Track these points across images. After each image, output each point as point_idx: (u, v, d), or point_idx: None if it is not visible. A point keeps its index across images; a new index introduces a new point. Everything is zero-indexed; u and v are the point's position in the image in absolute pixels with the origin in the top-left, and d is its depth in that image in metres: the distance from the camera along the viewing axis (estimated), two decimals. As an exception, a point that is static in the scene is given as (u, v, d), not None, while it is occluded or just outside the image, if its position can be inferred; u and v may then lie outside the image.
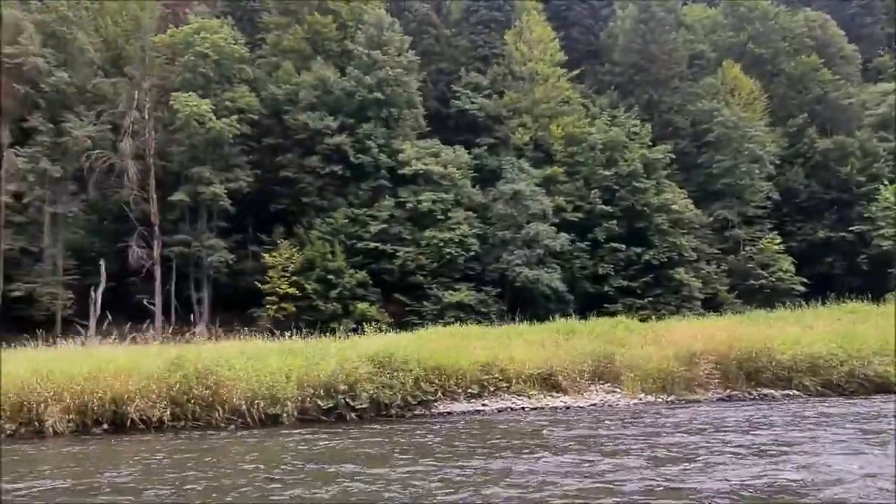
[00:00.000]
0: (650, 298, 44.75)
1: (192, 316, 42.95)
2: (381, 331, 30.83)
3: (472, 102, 50.37)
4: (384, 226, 42.77)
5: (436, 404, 15.31)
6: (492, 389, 15.81)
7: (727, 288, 46.79)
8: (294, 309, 40.51)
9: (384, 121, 46.08)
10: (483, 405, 15.71)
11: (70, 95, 41.42)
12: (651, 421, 14.21)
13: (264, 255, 41.90)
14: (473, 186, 46.09)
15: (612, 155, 47.94)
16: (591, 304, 43.11)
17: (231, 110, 42.36)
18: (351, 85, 45.63)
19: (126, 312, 41.37)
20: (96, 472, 10.78)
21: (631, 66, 55.25)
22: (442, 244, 41.89)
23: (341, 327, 35.69)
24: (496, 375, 15.60)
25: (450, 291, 41.46)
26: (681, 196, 47.20)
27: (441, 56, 54.49)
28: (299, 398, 14.20)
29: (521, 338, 19.39)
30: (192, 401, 13.53)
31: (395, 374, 14.55)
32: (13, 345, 25.68)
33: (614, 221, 45.77)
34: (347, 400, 14.46)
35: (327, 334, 28.37)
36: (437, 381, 14.98)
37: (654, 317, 39.54)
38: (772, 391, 17.35)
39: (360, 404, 14.37)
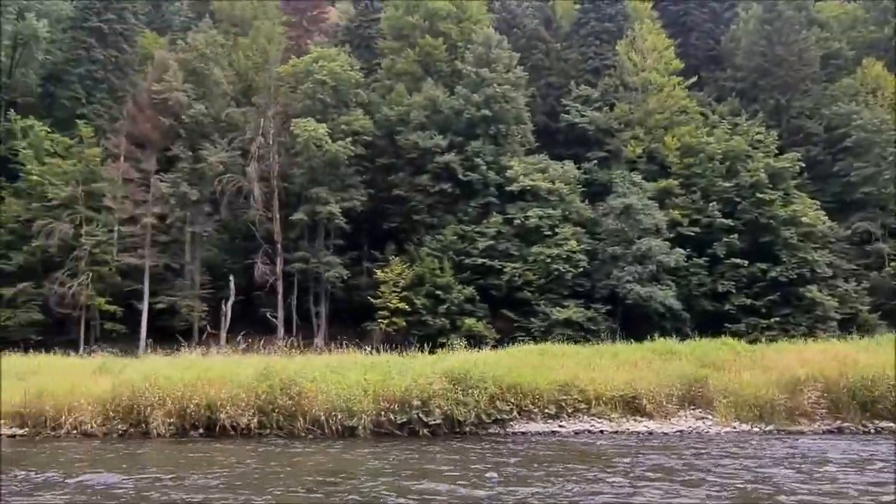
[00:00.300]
0: (777, 318, 41.60)
1: (311, 328, 45.77)
2: (481, 347, 30.89)
3: (583, 116, 49.62)
4: (492, 242, 42.97)
5: (511, 423, 15.18)
6: (570, 410, 15.43)
7: (869, 308, 42.49)
8: (404, 323, 41.59)
9: (492, 138, 46.45)
10: (560, 426, 15.33)
11: (206, 125, 45.49)
12: (740, 451, 13.17)
13: (376, 271, 43.41)
14: (583, 201, 45.28)
15: (734, 165, 45.29)
16: (709, 323, 40.85)
17: (346, 133, 44.51)
18: (459, 103, 46.50)
19: (253, 324, 44.72)
20: (190, 473, 11.76)
21: (755, 71, 52.07)
22: (549, 260, 41.43)
23: (448, 342, 36.42)
24: (575, 396, 15.18)
25: (558, 308, 40.84)
26: (812, 207, 43.59)
27: (550, 70, 54.21)
28: (374, 412, 14.68)
29: (616, 357, 18.70)
30: (277, 410, 14.41)
31: (469, 391, 14.61)
32: (150, 351, 28.56)
33: (735, 236, 43.09)
34: (421, 415, 14.74)
35: (436, 349, 29.21)
36: (512, 399, 14.83)
37: (782, 338, 36.76)
38: (890, 424, 15.45)
39: (434, 420, 14.60)
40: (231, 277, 41.99)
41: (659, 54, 49.68)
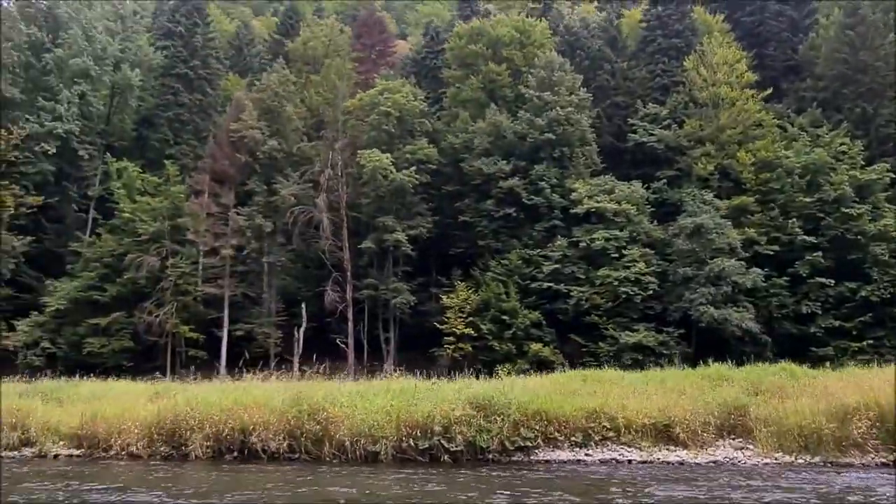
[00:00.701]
0: (870, 341, 38.70)
1: (381, 354, 46.63)
2: (548, 372, 30.38)
3: (651, 134, 48.48)
4: (557, 266, 42.47)
5: (536, 451, 14.86)
6: (598, 439, 14.90)
7: (978, 328, 38.81)
8: (471, 349, 41.66)
9: (557, 161, 46.19)
10: (586, 454, 14.82)
11: (280, 160, 47.82)
12: (778, 484, 12.28)
13: (443, 297, 43.80)
14: (652, 222, 44.09)
15: (815, 179, 42.86)
16: (793, 346, 38.70)
17: (411, 162, 45.51)
18: (523, 128, 46.63)
19: (325, 350, 46.04)
20: (224, 494, 12.33)
21: (837, 79, 49.21)
22: (617, 283, 40.49)
23: (515, 368, 36.19)
24: (604, 424, 14.69)
25: (627, 332, 39.77)
26: (908, 222, 40.48)
27: (617, 90, 53.40)
28: (397, 437, 14.82)
29: (663, 384, 17.94)
30: (305, 435, 14.83)
31: (492, 417, 14.49)
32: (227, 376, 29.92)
33: (819, 253, 40.56)
34: (442, 441, 14.73)
35: (499, 374, 29.15)
36: (537, 427, 14.57)
37: (878, 362, 34.18)
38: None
39: (455, 446, 14.56)
40: (303, 305, 43.53)
41: (730, 67, 47.93)
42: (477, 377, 26.95)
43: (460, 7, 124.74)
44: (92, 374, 34.48)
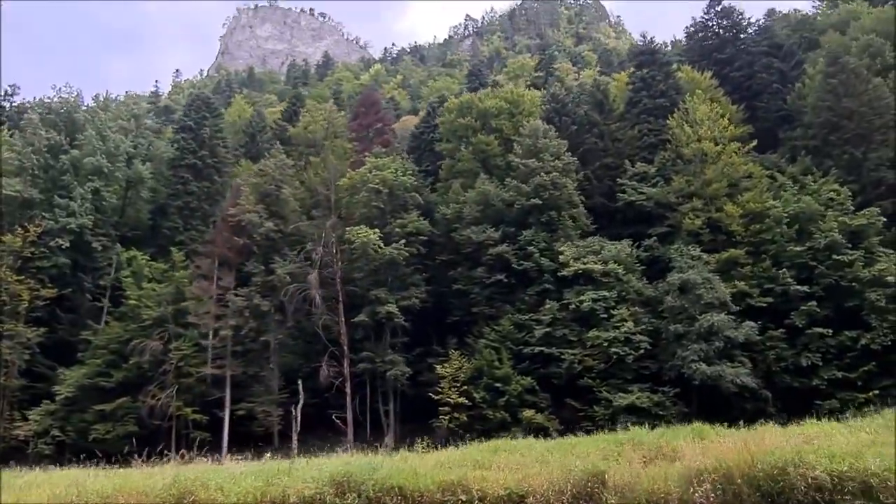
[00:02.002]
0: (877, 391, 37.21)
1: (382, 427, 46.51)
2: (544, 438, 29.89)
3: (640, 193, 48.94)
4: (548, 329, 42.36)
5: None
6: (451, 514, 14.53)
7: None
8: (466, 418, 41.31)
9: (545, 225, 46.84)
10: (440, 531, 14.48)
11: (277, 240, 49.47)
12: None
13: (437, 366, 43.89)
14: (642, 279, 43.94)
15: (805, 227, 42.45)
16: (797, 400, 37.55)
17: (402, 235, 46.62)
18: (510, 195, 47.60)
19: (327, 425, 46.33)
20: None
21: (824, 126, 49.37)
22: (607, 344, 40.13)
23: (510, 435, 35.76)
24: (459, 497, 14.39)
25: (621, 394, 39.08)
26: (903, 266, 39.51)
27: (606, 151, 54.30)
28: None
29: (573, 450, 17.62)
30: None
31: (346, 494, 14.41)
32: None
33: (814, 303, 39.71)
34: (298, 523, 14.59)
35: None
36: (391, 501, 14.35)
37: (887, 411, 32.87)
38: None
39: (307, 525, 14.41)
40: (299, 381, 44.03)
41: (712, 122, 48.50)
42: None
43: (469, 80, 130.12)
44: (97, 461, 35.20)
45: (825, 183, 45.69)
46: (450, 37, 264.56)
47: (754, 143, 49.96)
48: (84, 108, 62.76)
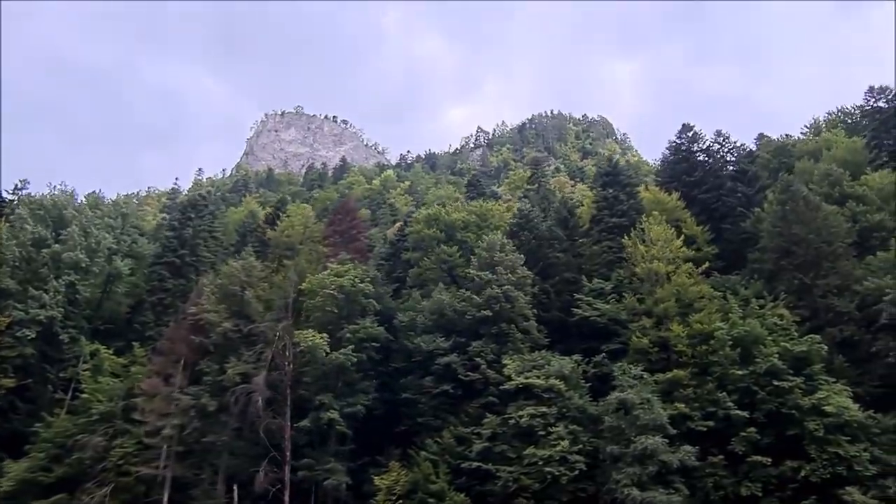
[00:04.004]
0: (818, 528, 35.80)
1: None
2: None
3: (595, 309, 49.48)
4: (488, 444, 41.84)
5: None
6: None
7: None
8: (399, 535, 40.18)
9: (495, 336, 47.26)
10: None
11: (236, 340, 50.19)
12: None
13: (375, 477, 43.13)
14: (587, 396, 43.61)
15: (750, 350, 42.36)
16: (736, 534, 36.16)
17: (353, 340, 47.16)
18: (462, 305, 48.38)
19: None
20: None
21: (776, 251, 50.19)
22: (542, 462, 39.39)
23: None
24: None
25: (554, 517, 37.98)
26: (843, 394, 38.97)
27: (566, 266, 55.35)
28: None
29: None
30: None
31: None
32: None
33: (754, 429, 39.01)
34: None
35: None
36: None
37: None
38: None
39: None
40: (235, 487, 43.38)
41: (664, 243, 49.67)
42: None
43: (469, 189, 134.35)
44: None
45: (775, 307, 45.94)
46: (461, 147, 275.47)
47: (706, 264, 50.78)
48: (78, 203, 65.99)
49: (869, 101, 76.43)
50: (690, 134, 72.49)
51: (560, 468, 39.14)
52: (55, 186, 63.90)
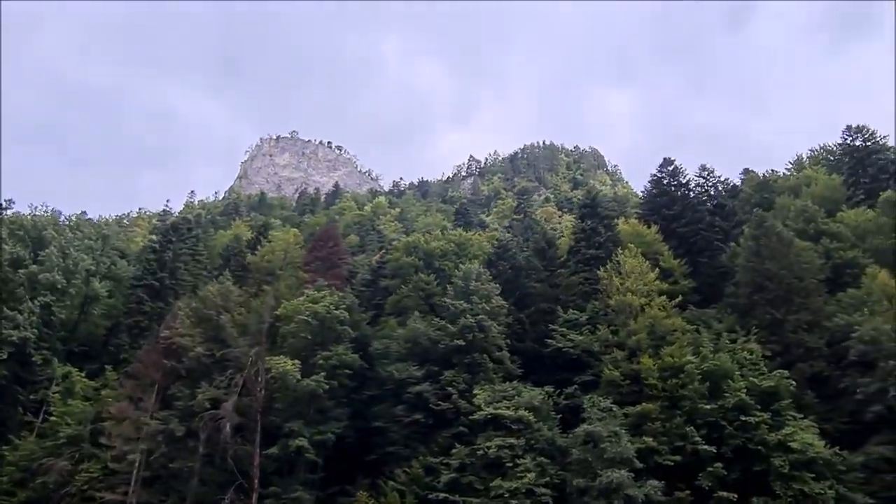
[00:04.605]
0: (783, 566, 35.57)
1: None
2: None
3: (568, 340, 49.57)
4: (456, 475, 41.57)
5: None
6: None
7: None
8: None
9: (468, 366, 47.23)
10: None
11: (210, 365, 49.97)
12: None
13: (342, 507, 42.71)
14: (556, 428, 43.48)
15: (720, 385, 42.45)
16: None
17: (325, 367, 47.03)
18: (436, 334, 48.42)
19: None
20: None
21: (749, 285, 50.58)
22: (508, 495, 39.09)
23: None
24: None
25: (520, 551, 37.59)
26: (810, 431, 39.02)
27: (543, 297, 55.54)
28: None
29: None
30: None
31: None
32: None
33: (721, 465, 38.92)
34: None
35: None
36: None
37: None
38: None
39: None
40: (199, 515, 42.80)
41: (638, 276, 50.00)
42: None
43: (457, 217, 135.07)
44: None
45: (747, 342, 46.16)
46: (453, 175, 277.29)
47: (679, 298, 51.06)
48: (62, 224, 66.03)
49: (847, 139, 77.62)
50: (671, 168, 73.40)
51: (526, 501, 38.86)
52: (37, 207, 64.02)
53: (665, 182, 73.54)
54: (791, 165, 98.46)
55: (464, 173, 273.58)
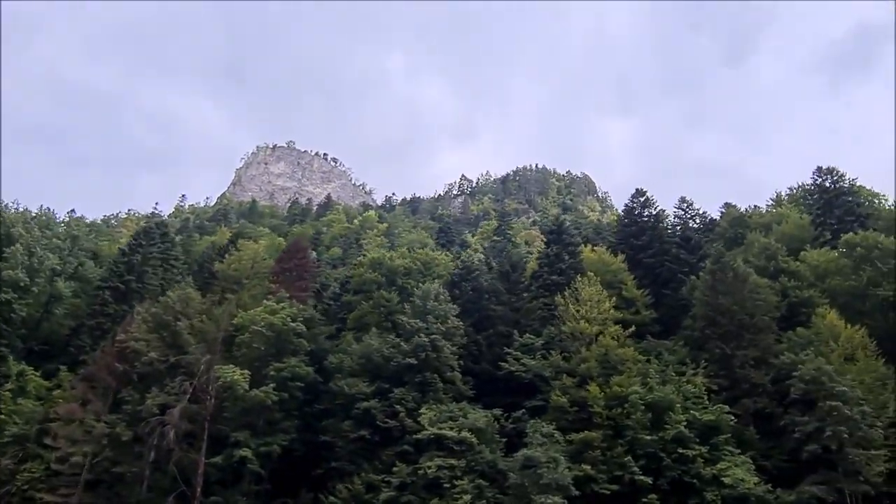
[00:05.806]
0: None
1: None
2: None
3: (521, 364, 49.93)
4: (395, 493, 41.65)
5: None
6: None
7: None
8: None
9: (418, 385, 47.47)
10: None
11: (164, 371, 50.05)
12: None
13: (282, 521, 42.68)
14: (499, 451, 43.69)
15: (662, 417, 42.84)
16: None
17: (276, 379, 47.21)
18: (389, 351, 48.71)
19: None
20: None
21: (703, 319, 51.17)
22: (443, 516, 39.25)
23: None
24: None
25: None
26: (744, 466, 39.39)
27: (502, 319, 55.97)
28: None
29: None
30: None
31: None
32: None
33: (656, 496, 39.21)
34: None
35: None
36: None
37: None
38: None
39: None
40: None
41: (593, 305, 50.53)
42: None
43: (439, 236, 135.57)
44: None
45: (694, 375, 46.63)
46: (444, 193, 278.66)
47: (633, 328, 51.57)
48: (31, 222, 66.23)
49: (816, 180, 78.76)
50: (643, 199, 74.24)
51: (461, 523, 38.97)
52: (7, 204, 64.33)
53: (636, 212, 74.38)
54: (771, 202, 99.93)
55: (455, 192, 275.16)
